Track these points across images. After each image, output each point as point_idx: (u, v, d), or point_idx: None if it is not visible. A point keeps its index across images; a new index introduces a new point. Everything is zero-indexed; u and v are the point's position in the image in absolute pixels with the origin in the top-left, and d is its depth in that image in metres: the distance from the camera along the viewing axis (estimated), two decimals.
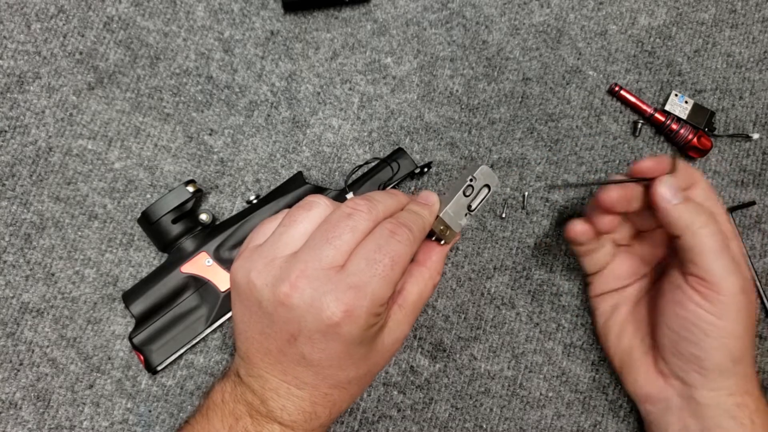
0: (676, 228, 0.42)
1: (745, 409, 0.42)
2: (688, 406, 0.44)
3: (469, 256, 0.54)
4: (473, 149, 0.55)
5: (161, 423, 0.50)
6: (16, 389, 0.50)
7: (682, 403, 0.44)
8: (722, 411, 0.43)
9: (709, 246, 0.41)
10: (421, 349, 0.52)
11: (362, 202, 0.39)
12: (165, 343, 0.50)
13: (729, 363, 0.42)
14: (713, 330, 0.41)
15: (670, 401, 0.45)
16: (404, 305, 0.41)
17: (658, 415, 0.46)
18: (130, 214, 0.53)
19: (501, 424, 0.51)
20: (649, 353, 0.47)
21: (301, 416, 0.39)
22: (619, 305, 0.49)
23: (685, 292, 0.42)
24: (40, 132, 0.54)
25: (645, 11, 0.57)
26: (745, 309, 0.41)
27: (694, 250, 0.41)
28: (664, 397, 0.45)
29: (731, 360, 0.42)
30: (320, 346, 0.37)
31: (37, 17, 0.55)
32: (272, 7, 0.57)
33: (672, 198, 0.42)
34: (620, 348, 0.49)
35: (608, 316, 0.50)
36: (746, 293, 0.41)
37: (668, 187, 0.42)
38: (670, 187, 0.42)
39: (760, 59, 0.57)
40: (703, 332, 0.42)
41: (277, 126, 0.55)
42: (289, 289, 0.36)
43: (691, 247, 0.41)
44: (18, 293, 0.51)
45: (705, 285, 0.41)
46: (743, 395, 0.43)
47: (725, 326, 0.41)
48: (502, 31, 0.57)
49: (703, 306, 0.41)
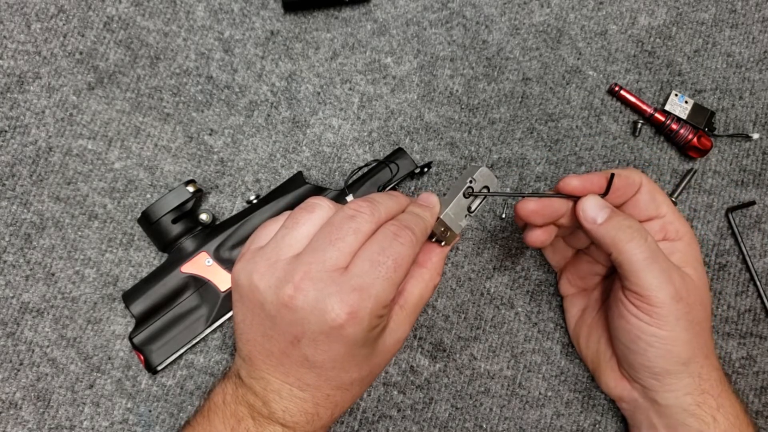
0: (604, 246, 0.42)
1: (706, 408, 0.43)
2: (652, 406, 0.45)
3: (469, 256, 0.54)
4: (473, 149, 0.55)
5: (161, 423, 0.50)
6: (16, 389, 0.50)
7: (647, 403, 0.45)
8: (682, 410, 0.43)
9: (637, 259, 0.41)
10: (421, 349, 0.52)
11: (365, 204, 0.39)
12: (165, 343, 0.50)
13: (678, 366, 0.43)
14: (655, 340, 0.42)
15: (637, 402, 0.46)
16: (405, 306, 0.41)
17: (630, 413, 0.48)
18: (130, 214, 0.53)
19: (501, 423, 0.51)
20: (613, 358, 0.48)
21: (303, 417, 0.39)
22: (587, 309, 0.50)
23: (626, 306, 0.43)
24: (40, 132, 0.54)
25: (645, 11, 0.57)
26: (685, 315, 0.41)
27: (623, 266, 0.41)
28: (632, 398, 0.46)
29: (680, 364, 0.43)
30: (323, 347, 0.37)
31: (37, 17, 0.55)
32: (272, 7, 0.57)
33: (596, 217, 0.42)
34: (590, 351, 0.49)
35: (577, 319, 0.51)
36: (681, 300, 0.41)
37: (591, 207, 0.42)
38: (592, 207, 0.42)
39: (760, 59, 0.57)
40: (646, 343, 0.42)
41: (277, 126, 0.55)
42: (292, 291, 0.36)
43: (620, 263, 0.41)
44: (18, 293, 0.51)
45: (639, 298, 0.41)
46: (701, 394, 0.43)
47: (667, 335, 0.42)
48: (502, 31, 0.57)
49: (643, 318, 0.42)
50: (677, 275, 0.42)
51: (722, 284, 0.54)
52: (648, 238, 0.41)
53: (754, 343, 0.53)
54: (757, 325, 0.53)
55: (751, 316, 0.53)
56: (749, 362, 0.52)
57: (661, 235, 0.45)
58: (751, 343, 0.53)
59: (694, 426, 0.43)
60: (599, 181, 0.43)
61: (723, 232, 0.54)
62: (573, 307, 0.51)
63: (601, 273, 0.49)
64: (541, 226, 0.44)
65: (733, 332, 0.53)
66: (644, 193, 0.45)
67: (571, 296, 0.51)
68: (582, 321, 0.50)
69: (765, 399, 0.52)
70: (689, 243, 0.45)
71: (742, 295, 0.53)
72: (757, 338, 0.53)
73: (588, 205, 0.42)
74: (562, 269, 0.52)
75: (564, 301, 0.52)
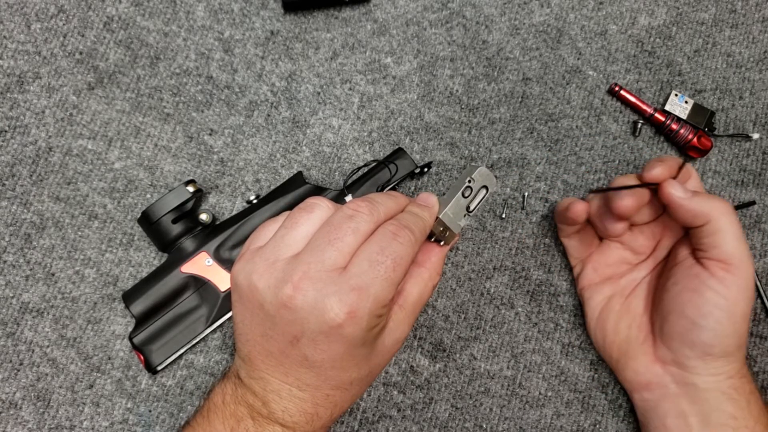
0: (700, 217, 0.43)
1: (742, 391, 0.44)
2: (686, 391, 0.45)
3: (469, 256, 0.54)
4: (473, 149, 0.55)
5: (161, 423, 0.50)
6: (16, 389, 0.50)
7: (679, 389, 0.45)
8: (720, 394, 0.44)
9: (733, 230, 0.43)
10: (421, 349, 0.52)
11: (363, 204, 0.39)
12: (165, 343, 0.50)
13: (735, 347, 0.44)
14: (728, 316, 0.43)
15: (667, 388, 0.46)
16: (405, 306, 0.41)
17: (654, 403, 0.47)
18: (130, 214, 0.53)
19: (501, 423, 0.51)
20: (647, 341, 0.48)
21: (302, 417, 0.39)
22: (614, 296, 0.50)
23: (703, 279, 0.43)
24: (40, 132, 0.54)
25: (645, 11, 0.57)
26: (752, 291, 0.43)
27: (717, 234, 0.43)
28: (662, 383, 0.46)
29: (737, 345, 0.44)
30: (323, 347, 0.37)
31: (37, 17, 0.55)
32: (272, 7, 0.57)
33: (684, 194, 0.44)
34: (618, 337, 0.49)
35: (603, 307, 0.50)
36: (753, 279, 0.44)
37: (678, 186, 0.44)
38: (680, 186, 0.44)
39: (760, 59, 0.57)
40: (717, 320, 0.43)
41: (277, 126, 0.55)
42: (291, 290, 0.36)
43: (715, 231, 0.43)
44: (18, 293, 0.51)
45: (725, 268, 0.43)
46: (740, 378, 0.44)
47: (739, 309, 0.43)
48: (502, 31, 0.57)
49: (720, 292, 0.43)
50: None
51: None
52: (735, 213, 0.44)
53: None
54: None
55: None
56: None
57: None
58: (751, 343, 0.53)
59: (728, 411, 0.43)
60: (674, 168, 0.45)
61: None
62: (598, 295, 0.50)
63: (632, 261, 0.50)
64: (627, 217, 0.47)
65: None
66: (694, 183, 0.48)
67: (594, 285, 0.51)
68: (608, 308, 0.50)
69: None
70: None
71: None
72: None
73: (676, 185, 0.44)
74: (587, 260, 0.51)
75: (584, 291, 0.51)
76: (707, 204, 0.43)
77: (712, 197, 0.44)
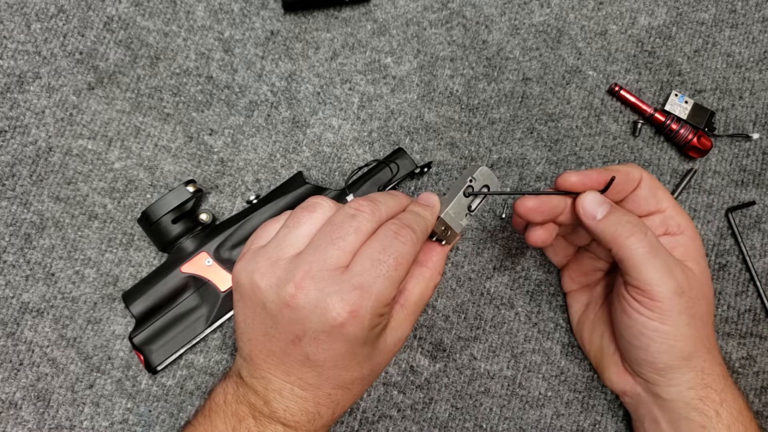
0: (604, 242, 0.42)
1: (709, 402, 0.43)
2: (655, 401, 0.45)
3: (469, 256, 0.54)
4: (473, 149, 0.55)
5: (161, 423, 0.50)
6: (16, 389, 0.50)
7: (649, 398, 0.45)
8: (685, 404, 0.43)
9: (637, 254, 0.41)
10: (421, 349, 0.52)
11: (365, 203, 0.39)
12: (165, 343, 0.50)
13: (681, 361, 0.43)
14: (658, 335, 0.42)
15: (640, 396, 0.46)
16: (406, 305, 0.41)
17: (634, 407, 0.48)
18: (130, 214, 0.53)
19: (501, 423, 0.51)
20: (616, 353, 0.48)
21: (304, 417, 0.39)
22: (590, 304, 0.50)
23: (627, 301, 0.43)
24: (40, 132, 0.54)
25: (645, 11, 0.57)
26: (687, 309, 0.41)
27: (624, 262, 0.41)
28: (635, 392, 0.47)
29: (682, 359, 0.43)
30: (325, 346, 0.37)
31: (37, 17, 0.55)
32: (272, 7, 0.57)
33: (595, 213, 0.41)
34: (593, 347, 0.50)
35: (580, 315, 0.51)
36: (683, 294, 0.41)
37: (590, 202, 0.42)
38: (592, 203, 0.42)
39: (760, 59, 0.57)
40: (649, 338, 0.42)
41: (277, 126, 0.55)
42: (294, 290, 0.36)
43: (621, 258, 0.41)
44: (18, 293, 0.51)
45: (641, 293, 0.41)
46: (704, 389, 0.43)
47: (669, 330, 0.42)
48: (502, 31, 0.57)
49: (644, 314, 0.42)
50: (679, 269, 0.42)
51: (722, 284, 0.54)
52: (648, 232, 0.41)
53: (754, 343, 0.53)
54: (757, 325, 0.53)
55: (751, 316, 0.53)
56: (749, 362, 0.52)
57: (662, 230, 0.45)
58: (751, 343, 0.53)
59: (696, 420, 0.43)
60: (598, 177, 0.42)
61: (723, 232, 0.54)
62: (576, 303, 0.51)
63: (603, 269, 0.50)
64: (541, 224, 0.44)
65: (733, 332, 0.53)
66: (644, 188, 0.44)
67: (573, 292, 0.52)
68: (585, 317, 0.50)
69: (765, 399, 0.52)
70: (691, 237, 0.45)
71: (742, 295, 0.53)
72: (757, 338, 0.53)
73: (587, 201, 0.42)
74: (565, 267, 0.52)
75: (567, 297, 0.52)
76: (611, 229, 0.41)
77: (622, 218, 0.41)
